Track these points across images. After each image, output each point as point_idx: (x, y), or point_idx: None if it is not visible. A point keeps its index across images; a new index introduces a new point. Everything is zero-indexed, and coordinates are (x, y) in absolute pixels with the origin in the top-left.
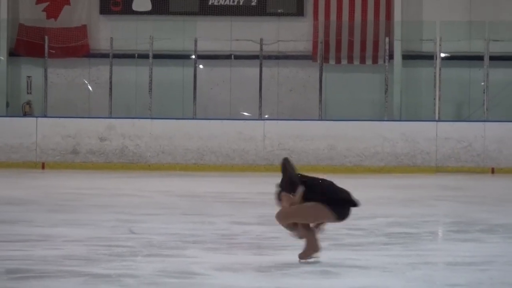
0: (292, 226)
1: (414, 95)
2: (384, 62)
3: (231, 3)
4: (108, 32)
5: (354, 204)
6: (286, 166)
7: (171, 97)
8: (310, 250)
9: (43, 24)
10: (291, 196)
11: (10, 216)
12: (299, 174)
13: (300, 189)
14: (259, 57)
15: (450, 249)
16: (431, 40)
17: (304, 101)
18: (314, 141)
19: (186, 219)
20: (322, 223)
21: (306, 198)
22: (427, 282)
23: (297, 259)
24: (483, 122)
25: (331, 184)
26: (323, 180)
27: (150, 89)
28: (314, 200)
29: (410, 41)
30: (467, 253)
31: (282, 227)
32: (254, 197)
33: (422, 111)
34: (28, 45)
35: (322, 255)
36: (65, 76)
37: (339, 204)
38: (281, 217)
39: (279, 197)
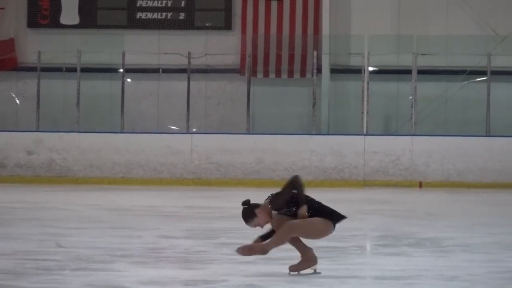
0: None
1: (342, 108)
2: (312, 75)
3: (159, 17)
4: (36, 45)
5: (343, 216)
6: (297, 183)
7: (99, 110)
8: (309, 262)
9: None
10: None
11: None
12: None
13: (305, 207)
14: (187, 71)
15: (378, 263)
16: (359, 54)
17: (232, 114)
18: (241, 155)
19: (114, 232)
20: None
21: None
22: None
23: (223, 272)
24: (411, 136)
25: (320, 202)
26: (311, 198)
27: (78, 102)
28: (314, 215)
29: (338, 55)
30: (395, 267)
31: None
32: (181, 211)
33: (350, 124)
34: None
35: (251, 268)
36: None
37: (334, 218)
38: (291, 229)
39: (254, 214)
